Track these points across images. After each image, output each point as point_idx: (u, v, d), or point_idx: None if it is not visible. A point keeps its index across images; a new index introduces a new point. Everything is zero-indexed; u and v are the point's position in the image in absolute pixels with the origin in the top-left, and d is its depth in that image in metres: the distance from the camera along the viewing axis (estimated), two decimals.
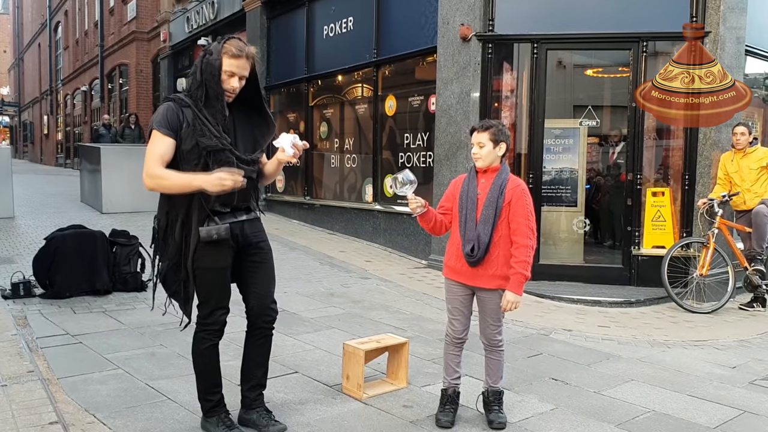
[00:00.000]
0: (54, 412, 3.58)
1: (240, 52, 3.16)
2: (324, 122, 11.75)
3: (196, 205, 3.16)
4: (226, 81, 3.17)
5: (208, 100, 3.16)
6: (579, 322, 6.29)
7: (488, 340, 3.70)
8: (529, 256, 3.52)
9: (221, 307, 3.30)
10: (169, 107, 3.17)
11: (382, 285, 7.42)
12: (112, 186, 11.78)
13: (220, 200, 3.18)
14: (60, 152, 34.12)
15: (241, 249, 3.34)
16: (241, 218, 3.31)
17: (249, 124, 3.36)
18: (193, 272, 3.20)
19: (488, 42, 7.94)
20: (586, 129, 8.12)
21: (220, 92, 3.16)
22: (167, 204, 3.25)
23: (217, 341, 3.34)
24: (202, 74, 3.17)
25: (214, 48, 3.20)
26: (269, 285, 3.44)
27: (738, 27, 7.49)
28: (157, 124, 3.13)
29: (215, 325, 3.30)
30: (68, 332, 5.11)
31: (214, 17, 15.39)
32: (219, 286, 3.27)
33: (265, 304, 3.41)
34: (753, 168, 7.05)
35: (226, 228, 3.19)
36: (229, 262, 3.30)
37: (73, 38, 30.75)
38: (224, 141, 3.17)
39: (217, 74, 3.15)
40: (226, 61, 3.15)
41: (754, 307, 7.11)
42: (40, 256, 6.22)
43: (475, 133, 3.64)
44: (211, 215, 3.18)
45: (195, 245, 3.17)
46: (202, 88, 3.17)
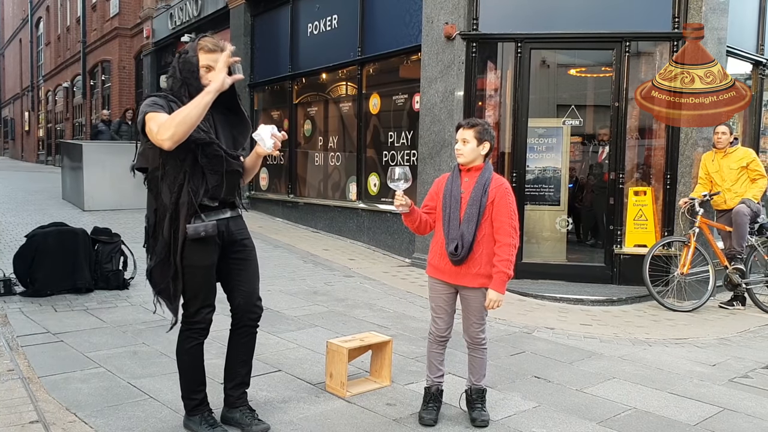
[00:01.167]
0: (34, 411, 3.55)
1: (215, 46, 3.19)
2: (308, 120, 11.72)
3: (185, 200, 3.16)
4: (204, 76, 3.18)
5: (191, 97, 3.14)
6: (561, 320, 6.33)
7: (471, 339, 3.71)
8: (512, 254, 3.53)
9: (207, 305, 3.30)
10: (156, 98, 3.18)
11: (366, 283, 7.42)
12: (94, 183, 11.70)
13: (208, 194, 3.20)
14: (41, 149, 33.78)
15: (225, 246, 3.34)
16: (227, 215, 3.32)
17: (227, 123, 3.37)
18: (182, 269, 3.20)
19: (472, 41, 7.96)
20: (569, 128, 8.16)
21: (201, 89, 3.14)
22: (155, 201, 3.23)
23: (202, 340, 3.34)
24: (181, 73, 3.21)
25: (189, 46, 3.24)
26: (254, 282, 3.45)
27: (719, 28, 7.56)
28: (149, 106, 3.11)
29: (201, 324, 3.30)
30: (49, 330, 5.06)
31: (197, 14, 15.29)
32: (205, 284, 3.28)
33: (251, 301, 3.41)
34: (733, 168, 7.13)
35: (214, 225, 3.20)
36: (215, 260, 3.31)
37: (55, 34, 30.44)
38: (211, 135, 3.19)
39: (196, 71, 3.18)
40: (203, 57, 3.18)
41: (734, 305, 7.19)
42: (21, 254, 6.16)
43: (461, 129, 3.66)
44: (199, 212, 3.18)
45: (183, 242, 3.17)
46: (184, 86, 3.19)
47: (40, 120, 34.23)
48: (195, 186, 3.17)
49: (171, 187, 3.17)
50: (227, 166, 3.23)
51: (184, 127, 2.99)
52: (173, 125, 2.98)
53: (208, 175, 3.20)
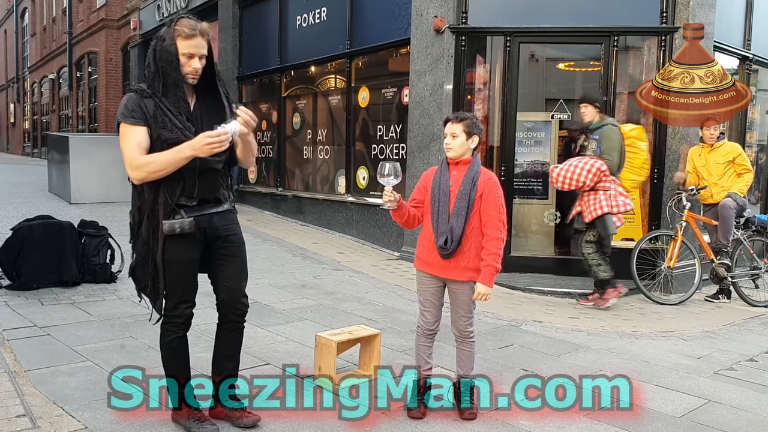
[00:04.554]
0: (21, 404, 3.54)
1: (193, 30, 3.03)
2: (297, 113, 11.69)
3: (162, 199, 3.10)
4: (186, 64, 3.04)
5: (167, 89, 3.06)
6: (549, 313, 6.36)
7: (459, 332, 3.72)
8: (500, 248, 3.55)
9: (185, 300, 3.24)
10: (130, 98, 3.08)
11: (355, 276, 7.42)
12: (81, 176, 11.62)
13: (185, 193, 3.12)
14: (27, 141, 33.52)
15: (210, 242, 3.26)
16: (210, 211, 3.23)
17: (214, 109, 3.22)
18: (163, 266, 3.14)
19: (461, 34, 7.96)
20: (557, 122, 8.19)
21: (179, 79, 3.05)
22: (138, 199, 3.19)
23: (182, 333, 3.29)
24: (156, 62, 3.05)
25: (165, 33, 3.05)
26: (240, 279, 3.37)
27: (707, 23, 7.58)
28: (123, 116, 3.04)
29: (179, 318, 3.25)
30: (36, 324, 5.03)
31: (185, 5, 15.19)
32: (183, 280, 3.21)
33: (236, 297, 3.34)
34: (720, 162, 7.18)
35: (191, 222, 3.11)
36: (196, 256, 3.23)
37: (41, 25, 30.17)
38: (187, 132, 3.06)
39: (175, 60, 3.02)
40: (181, 44, 3.02)
41: (720, 299, 7.25)
42: (7, 247, 6.11)
43: (449, 123, 3.66)
44: (177, 209, 3.12)
45: (162, 239, 3.11)
46: (158, 78, 3.06)
47: (26, 112, 33.95)
48: (171, 186, 3.09)
49: (149, 186, 3.11)
50: (201, 164, 3.09)
51: (153, 175, 3.03)
52: (144, 170, 3.01)
53: (185, 174, 3.09)
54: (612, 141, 6.60)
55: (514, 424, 3.65)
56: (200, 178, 3.14)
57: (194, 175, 3.12)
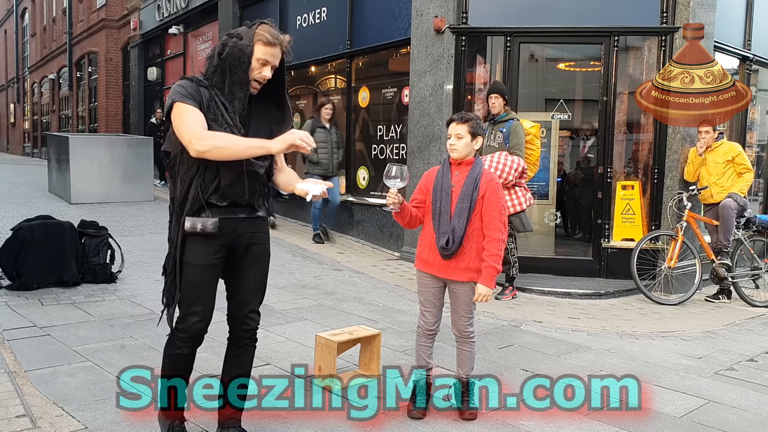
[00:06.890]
0: (21, 405, 3.53)
1: (275, 40, 2.89)
2: (297, 113, 11.67)
3: (192, 194, 2.89)
4: (257, 69, 2.89)
5: (229, 87, 2.90)
6: (549, 313, 6.35)
7: (460, 332, 3.72)
8: (500, 249, 3.55)
9: (195, 312, 2.92)
10: (186, 83, 2.89)
11: (355, 277, 7.42)
12: (81, 176, 11.59)
13: (218, 192, 2.90)
14: (27, 141, 33.50)
15: (233, 249, 3.01)
16: (239, 216, 2.98)
17: (266, 116, 3.05)
18: (180, 266, 2.92)
19: (462, 34, 7.96)
20: (557, 122, 8.19)
21: (246, 81, 2.89)
22: (174, 190, 3.00)
23: (186, 351, 3.01)
24: (223, 59, 2.88)
25: (245, 33, 2.90)
26: (254, 292, 3.11)
27: (707, 23, 7.59)
28: (180, 96, 2.83)
29: (185, 333, 2.95)
30: (36, 324, 5.03)
31: (185, 5, 15.18)
32: (196, 286, 2.92)
33: (243, 312, 3.09)
34: (719, 162, 7.18)
35: (214, 222, 2.86)
36: (216, 262, 2.96)
37: (41, 25, 30.15)
38: (236, 131, 2.87)
39: (247, 61, 2.87)
40: (259, 49, 2.87)
41: (720, 299, 7.25)
42: (7, 247, 6.11)
43: (453, 124, 3.65)
44: (205, 206, 2.89)
45: (182, 237, 2.90)
46: (220, 74, 2.90)
47: (26, 112, 33.94)
48: (205, 181, 2.88)
49: (183, 177, 2.92)
50: (246, 165, 2.89)
51: (219, 153, 2.79)
52: (210, 142, 2.76)
53: (222, 172, 2.88)
54: (520, 137, 6.66)
55: (514, 424, 3.65)
56: (238, 178, 2.92)
57: (233, 174, 2.90)
